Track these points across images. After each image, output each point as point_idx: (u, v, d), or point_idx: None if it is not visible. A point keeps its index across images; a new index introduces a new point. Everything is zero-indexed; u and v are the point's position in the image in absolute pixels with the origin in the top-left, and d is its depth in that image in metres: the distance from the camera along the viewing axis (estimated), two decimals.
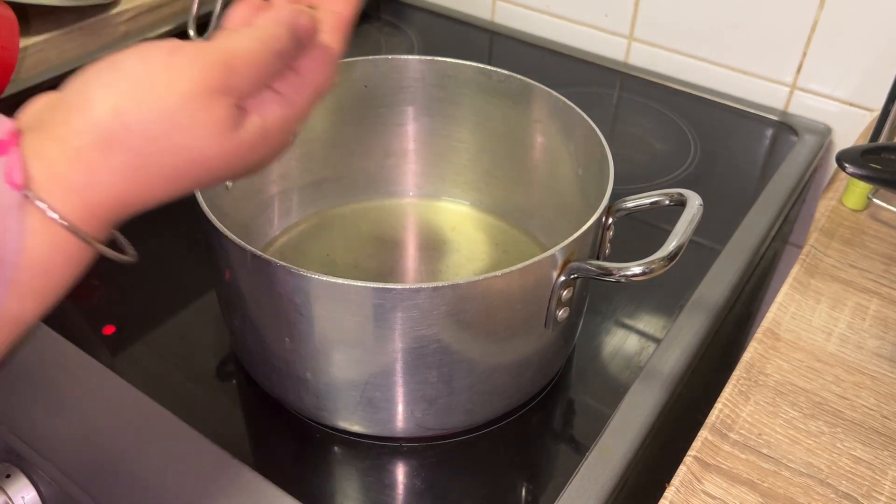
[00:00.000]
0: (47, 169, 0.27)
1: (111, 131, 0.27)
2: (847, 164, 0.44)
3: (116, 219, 0.29)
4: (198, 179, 0.30)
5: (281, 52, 0.31)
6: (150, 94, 0.28)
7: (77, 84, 0.29)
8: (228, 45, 0.30)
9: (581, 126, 0.51)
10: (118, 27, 0.88)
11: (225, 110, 0.29)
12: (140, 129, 0.28)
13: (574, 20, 0.91)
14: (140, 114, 0.28)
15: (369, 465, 0.47)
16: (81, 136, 0.27)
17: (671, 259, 0.41)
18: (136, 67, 0.28)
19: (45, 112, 0.29)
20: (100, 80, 0.28)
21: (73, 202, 0.27)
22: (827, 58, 0.77)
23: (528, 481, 0.46)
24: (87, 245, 0.28)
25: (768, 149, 0.77)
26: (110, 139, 0.28)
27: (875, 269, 0.56)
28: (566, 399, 0.51)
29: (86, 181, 0.28)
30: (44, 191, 0.27)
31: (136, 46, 0.29)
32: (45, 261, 0.27)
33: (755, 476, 0.42)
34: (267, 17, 0.32)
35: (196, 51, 0.29)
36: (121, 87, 0.28)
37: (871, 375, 0.48)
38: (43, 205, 0.26)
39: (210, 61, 0.29)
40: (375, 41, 0.94)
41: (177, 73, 0.28)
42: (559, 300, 0.43)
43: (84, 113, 0.28)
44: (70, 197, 0.27)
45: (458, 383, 0.44)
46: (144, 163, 0.28)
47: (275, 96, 0.32)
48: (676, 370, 0.51)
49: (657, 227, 0.65)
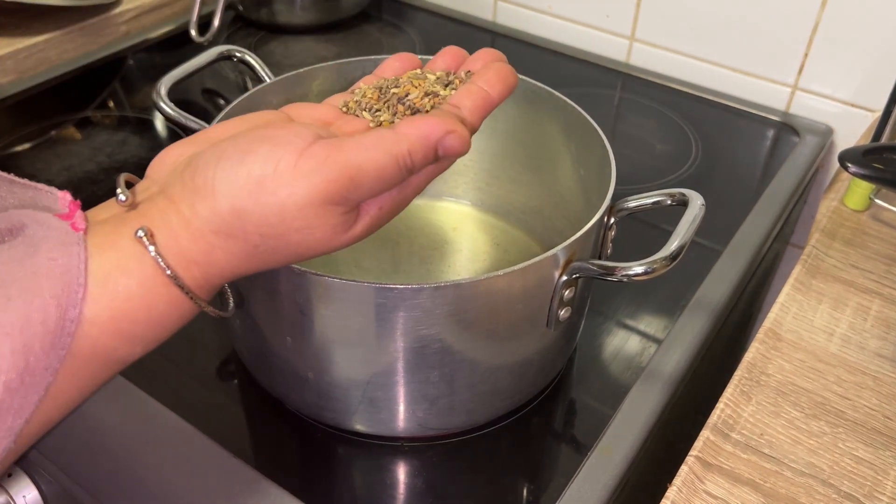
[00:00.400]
0: (173, 241, 0.30)
1: (230, 225, 0.30)
2: (850, 163, 0.44)
3: (226, 283, 0.32)
4: (305, 259, 0.32)
5: (414, 169, 0.32)
6: (271, 199, 0.29)
7: (207, 163, 0.30)
8: (359, 158, 0.30)
9: (583, 126, 0.51)
10: (119, 27, 0.88)
11: (340, 218, 0.31)
12: (256, 228, 0.30)
13: (576, 21, 0.91)
14: (259, 215, 0.29)
15: (371, 465, 0.47)
16: (204, 222, 0.30)
17: (673, 259, 0.41)
18: (262, 168, 0.29)
19: (175, 179, 0.31)
20: (226, 174, 0.30)
21: (193, 273, 0.30)
22: (828, 58, 0.77)
23: (530, 481, 0.46)
24: (197, 305, 0.31)
25: (770, 149, 0.77)
26: (228, 231, 0.30)
27: (877, 269, 0.56)
28: (567, 399, 0.51)
29: (205, 258, 0.30)
30: (170, 259, 0.29)
31: (269, 132, 0.31)
32: (161, 317, 0.30)
33: (757, 476, 0.42)
34: (414, 125, 0.32)
35: (326, 157, 0.29)
36: (244, 185, 0.29)
37: (873, 376, 0.48)
38: (170, 273, 0.29)
39: (336, 174, 0.29)
40: (377, 41, 0.94)
41: (301, 181, 0.29)
42: (561, 300, 0.43)
43: (207, 202, 0.30)
44: (191, 268, 0.30)
45: (460, 383, 0.44)
46: (258, 250, 0.31)
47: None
48: (678, 370, 0.51)
49: (659, 227, 0.65)
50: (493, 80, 0.36)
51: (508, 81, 0.36)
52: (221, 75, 0.85)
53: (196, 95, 0.81)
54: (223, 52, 0.60)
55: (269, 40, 0.93)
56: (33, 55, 0.80)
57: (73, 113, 0.79)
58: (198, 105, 0.80)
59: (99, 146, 0.73)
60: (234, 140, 0.31)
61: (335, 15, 0.96)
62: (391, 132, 0.31)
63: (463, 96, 0.35)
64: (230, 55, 0.60)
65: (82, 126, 0.77)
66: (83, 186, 0.68)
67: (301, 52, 0.91)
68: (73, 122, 0.78)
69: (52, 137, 0.75)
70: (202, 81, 0.83)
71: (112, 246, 0.29)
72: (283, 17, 0.93)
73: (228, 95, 0.82)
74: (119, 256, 0.29)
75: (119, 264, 0.29)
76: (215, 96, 0.82)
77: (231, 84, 0.84)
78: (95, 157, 0.72)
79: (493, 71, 0.36)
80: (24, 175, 0.33)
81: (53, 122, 0.77)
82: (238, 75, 0.85)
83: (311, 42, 0.93)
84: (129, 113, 0.80)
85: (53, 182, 0.68)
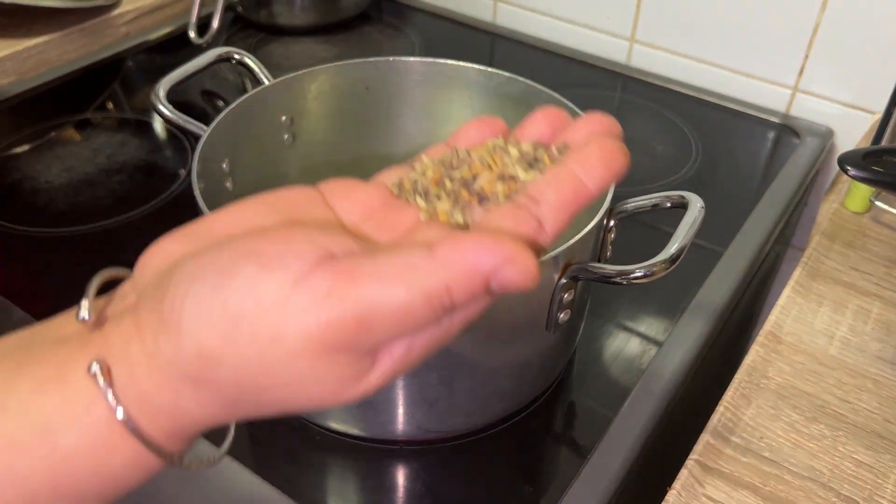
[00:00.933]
0: (132, 382, 0.23)
1: (197, 372, 0.23)
2: (849, 166, 0.44)
3: (202, 432, 0.25)
4: (301, 411, 0.26)
5: (454, 308, 0.23)
6: (250, 345, 0.22)
7: (179, 282, 0.23)
8: (373, 294, 0.22)
9: None
10: (119, 28, 0.88)
11: (347, 369, 0.23)
12: (231, 379, 0.23)
13: (576, 22, 0.91)
14: (233, 365, 0.22)
15: (369, 468, 0.46)
16: (167, 363, 0.23)
17: (673, 262, 0.41)
18: (242, 300, 0.22)
19: (149, 294, 0.24)
20: (196, 303, 0.22)
21: (159, 423, 0.24)
22: (829, 60, 0.76)
23: (529, 484, 0.46)
24: (167, 461, 0.25)
25: (770, 151, 0.77)
26: (196, 379, 0.23)
27: (877, 271, 0.56)
28: (567, 402, 0.51)
29: (172, 407, 0.24)
30: (130, 404, 0.23)
31: (260, 245, 0.23)
32: (117, 475, 0.24)
33: (757, 480, 0.42)
34: (458, 247, 0.23)
35: (329, 290, 0.22)
36: (217, 324, 0.22)
37: (873, 379, 0.48)
38: (129, 423, 0.23)
39: (339, 314, 0.22)
40: (377, 43, 0.94)
41: (291, 320, 0.22)
42: (560, 303, 0.43)
43: (171, 338, 0.23)
44: (157, 418, 0.24)
45: (459, 386, 0.44)
46: (238, 403, 0.24)
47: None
48: (678, 373, 0.51)
49: (659, 229, 0.65)
50: (592, 164, 0.26)
51: (614, 166, 0.27)
52: (220, 77, 0.85)
53: (195, 97, 0.81)
54: (222, 54, 0.60)
55: (269, 41, 0.93)
56: (33, 56, 0.80)
57: (73, 114, 0.79)
58: (197, 107, 0.80)
59: (98, 148, 0.73)
60: (219, 251, 0.23)
61: (335, 16, 0.96)
62: (425, 257, 0.22)
63: (548, 185, 0.26)
64: (229, 57, 0.60)
65: (82, 127, 0.77)
66: (82, 188, 0.68)
67: (301, 53, 0.91)
68: (73, 124, 0.77)
69: (52, 139, 0.75)
70: (201, 83, 0.83)
71: (59, 381, 0.23)
72: (282, 18, 0.93)
73: (227, 97, 0.82)
74: (65, 397, 0.23)
75: (64, 408, 0.23)
76: (214, 98, 0.82)
77: (230, 86, 0.84)
78: (95, 159, 0.72)
79: (596, 149, 0.27)
80: (23, 177, 0.31)
81: (53, 123, 0.77)
82: (237, 77, 0.85)
83: (311, 43, 0.93)
84: (129, 115, 0.80)
85: (53, 183, 0.68)
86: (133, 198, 0.66)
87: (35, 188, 0.67)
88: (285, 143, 0.58)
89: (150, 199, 0.66)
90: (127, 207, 0.65)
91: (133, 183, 0.69)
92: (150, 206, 0.65)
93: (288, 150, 0.59)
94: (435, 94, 0.59)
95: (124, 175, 0.70)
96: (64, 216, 0.64)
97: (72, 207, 0.65)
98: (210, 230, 0.26)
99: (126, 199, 0.66)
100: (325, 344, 0.22)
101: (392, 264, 0.22)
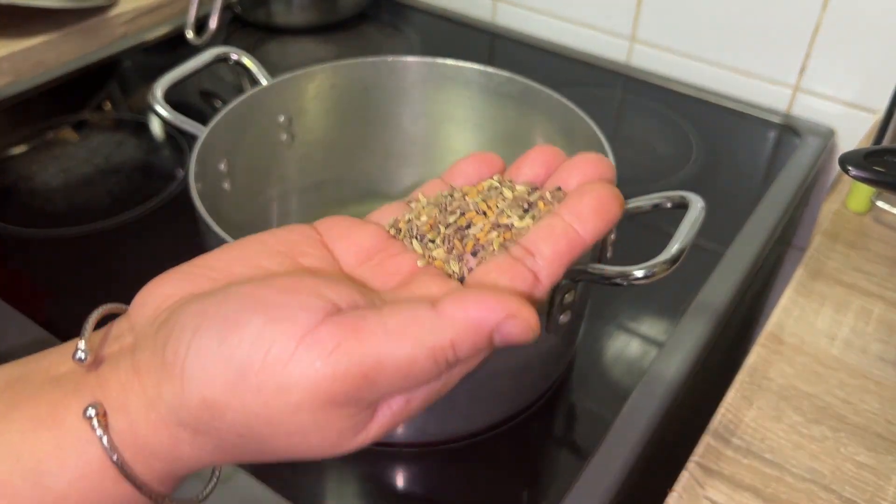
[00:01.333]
0: (129, 428, 0.23)
1: (199, 420, 0.23)
2: (850, 166, 0.44)
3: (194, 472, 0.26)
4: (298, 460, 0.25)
5: (458, 362, 0.24)
6: (255, 397, 0.22)
7: (183, 330, 0.23)
8: (380, 350, 0.22)
9: (582, 128, 0.51)
10: (116, 29, 0.88)
11: (347, 421, 0.24)
12: (233, 428, 0.23)
13: (576, 21, 0.90)
14: (236, 415, 0.23)
15: (368, 471, 0.46)
16: (168, 410, 0.23)
17: (673, 262, 0.41)
18: (249, 353, 0.22)
19: (148, 337, 0.25)
20: (201, 354, 0.23)
21: (153, 466, 0.24)
22: (830, 59, 0.76)
23: (529, 487, 0.46)
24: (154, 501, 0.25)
25: (771, 151, 0.76)
26: (197, 427, 0.23)
27: (879, 272, 0.55)
28: (567, 404, 0.51)
29: (168, 453, 0.24)
30: (125, 450, 0.23)
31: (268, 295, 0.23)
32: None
33: (758, 482, 0.42)
34: (463, 305, 0.23)
35: (336, 346, 0.22)
36: (221, 374, 0.22)
37: (875, 380, 0.48)
38: (123, 469, 0.23)
39: (346, 368, 0.22)
40: (375, 42, 0.94)
41: (298, 373, 0.22)
42: (560, 304, 0.43)
43: (174, 386, 0.23)
44: (151, 461, 0.24)
45: (458, 388, 0.43)
46: (236, 449, 0.24)
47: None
48: (679, 374, 0.51)
49: (659, 230, 0.64)
50: (586, 214, 0.27)
51: (608, 216, 0.27)
52: (218, 77, 0.84)
53: (193, 97, 0.81)
54: (219, 54, 0.59)
55: (267, 41, 0.93)
56: (30, 57, 0.80)
57: (70, 115, 0.78)
58: (194, 107, 0.80)
59: (96, 148, 0.73)
60: (224, 299, 0.24)
61: (333, 16, 0.95)
62: (431, 314, 0.23)
63: (543, 237, 0.27)
64: (226, 57, 0.60)
65: (79, 128, 0.77)
66: (79, 189, 0.67)
67: (299, 52, 0.91)
68: (70, 124, 0.77)
69: (49, 139, 0.75)
70: (199, 83, 0.83)
71: (53, 423, 0.23)
72: (280, 17, 0.93)
73: (225, 97, 0.81)
74: (58, 441, 0.23)
75: (57, 452, 0.23)
76: (212, 98, 0.82)
77: (228, 86, 0.83)
78: (92, 160, 0.71)
79: (590, 199, 0.27)
80: (20, 178, 0.31)
81: (50, 123, 0.77)
82: (235, 77, 0.84)
83: (310, 43, 0.93)
84: (126, 115, 0.80)
85: (50, 184, 0.67)
86: (130, 199, 0.66)
87: (32, 189, 0.67)
88: (283, 144, 0.58)
89: (147, 199, 0.66)
90: (124, 208, 0.65)
91: (130, 183, 0.69)
92: (148, 207, 0.65)
93: (286, 151, 0.58)
94: (434, 94, 0.59)
95: (121, 176, 0.70)
96: (61, 217, 0.64)
97: (69, 208, 0.65)
98: (209, 269, 0.26)
99: (123, 200, 0.66)
100: (331, 397, 0.22)
101: (398, 320, 0.23)
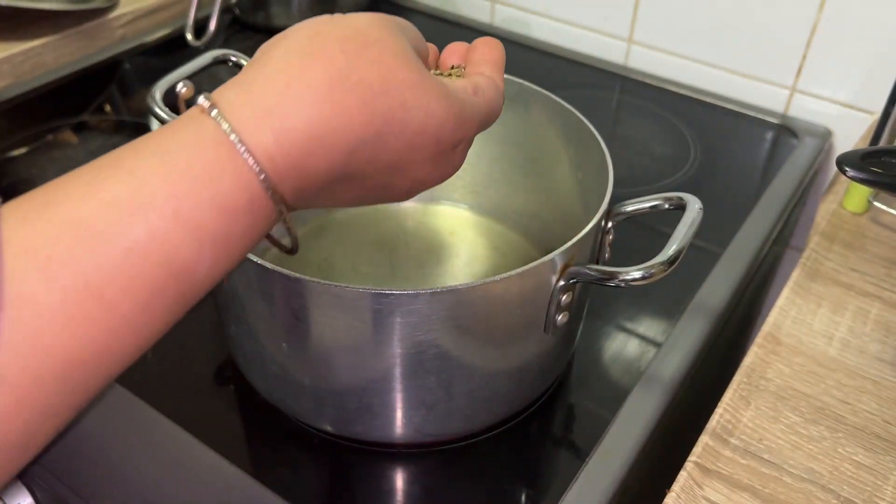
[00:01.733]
0: (264, 117, 0.27)
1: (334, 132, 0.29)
2: (847, 167, 0.44)
3: (304, 165, 0.28)
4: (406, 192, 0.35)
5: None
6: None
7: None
8: (486, 108, 0.35)
9: (580, 129, 0.51)
10: (116, 31, 0.88)
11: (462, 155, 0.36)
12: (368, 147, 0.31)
13: (573, 23, 0.90)
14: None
15: (368, 472, 0.46)
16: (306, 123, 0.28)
17: (671, 263, 0.41)
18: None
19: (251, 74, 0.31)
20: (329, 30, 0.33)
21: (286, 177, 0.28)
22: (827, 60, 0.76)
23: (528, 487, 0.46)
24: (268, 194, 0.27)
25: (768, 152, 0.77)
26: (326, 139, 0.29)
27: (876, 272, 0.56)
28: (566, 404, 0.51)
29: (300, 167, 0.28)
30: (265, 161, 0.27)
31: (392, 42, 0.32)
32: (228, 199, 0.26)
33: (756, 482, 0.42)
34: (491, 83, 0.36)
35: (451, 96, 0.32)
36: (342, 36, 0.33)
37: (873, 380, 0.48)
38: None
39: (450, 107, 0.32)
40: None
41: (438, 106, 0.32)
42: (559, 305, 0.43)
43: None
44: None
45: (457, 389, 0.44)
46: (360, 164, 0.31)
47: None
48: (677, 375, 0.51)
49: (657, 230, 0.65)
50: (479, 45, 0.40)
51: (492, 41, 0.40)
52: (218, 79, 0.84)
53: (192, 99, 0.81)
54: (218, 56, 0.60)
55: None
56: (30, 59, 0.80)
57: (70, 117, 0.78)
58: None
59: (95, 150, 0.73)
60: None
61: None
62: (496, 92, 0.36)
63: (479, 62, 0.38)
64: (226, 59, 0.60)
65: (79, 130, 0.77)
66: None
67: None
68: (70, 127, 0.77)
69: (49, 142, 0.75)
70: (199, 85, 0.83)
71: (186, 124, 0.28)
72: (280, 20, 0.93)
73: None
74: (186, 133, 0.27)
75: (185, 139, 0.27)
76: None
77: None
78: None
79: (479, 42, 0.40)
80: (20, 180, 0.32)
81: (50, 126, 0.77)
82: None
83: None
84: (126, 117, 0.80)
85: None
86: None
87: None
88: None
89: None
90: None
91: None
92: None
93: None
94: None
95: None
96: None
97: None
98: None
99: None
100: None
101: (488, 96, 0.35)
